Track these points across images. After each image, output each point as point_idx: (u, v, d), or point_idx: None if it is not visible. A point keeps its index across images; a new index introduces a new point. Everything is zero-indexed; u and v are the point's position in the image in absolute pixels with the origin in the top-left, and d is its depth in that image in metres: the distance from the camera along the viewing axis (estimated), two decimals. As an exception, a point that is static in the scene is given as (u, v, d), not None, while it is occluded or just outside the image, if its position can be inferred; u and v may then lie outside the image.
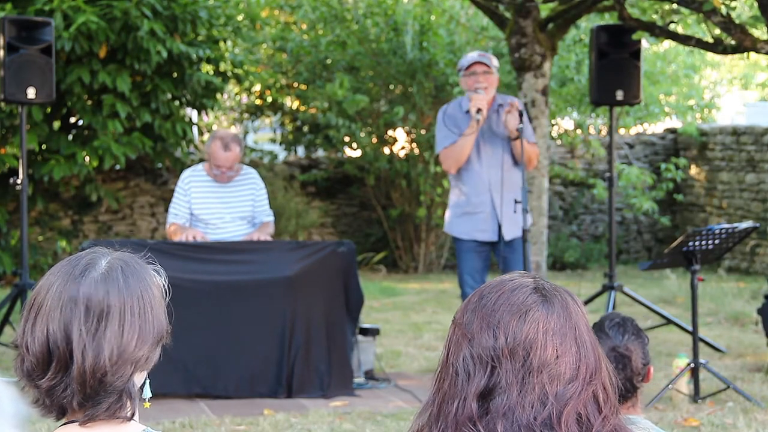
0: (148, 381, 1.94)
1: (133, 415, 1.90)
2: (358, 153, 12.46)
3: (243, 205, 6.86)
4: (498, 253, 6.64)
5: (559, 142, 13.15)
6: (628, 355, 3.12)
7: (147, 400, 1.94)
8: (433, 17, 12.02)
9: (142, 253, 1.99)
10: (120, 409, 1.87)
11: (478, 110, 6.49)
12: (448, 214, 6.85)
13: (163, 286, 1.95)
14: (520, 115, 6.50)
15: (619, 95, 7.79)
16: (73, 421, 1.89)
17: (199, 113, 12.03)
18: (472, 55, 6.79)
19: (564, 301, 1.86)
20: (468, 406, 1.80)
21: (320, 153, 13.16)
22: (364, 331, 6.83)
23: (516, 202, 6.39)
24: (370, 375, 6.80)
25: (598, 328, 3.20)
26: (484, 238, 6.60)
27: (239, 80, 11.76)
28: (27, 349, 1.86)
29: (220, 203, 6.82)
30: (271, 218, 7.03)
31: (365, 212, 13.01)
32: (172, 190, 7.42)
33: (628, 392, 3.13)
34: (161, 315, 1.91)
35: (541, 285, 1.87)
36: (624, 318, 3.23)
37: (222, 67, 11.39)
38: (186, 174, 6.91)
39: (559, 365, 1.80)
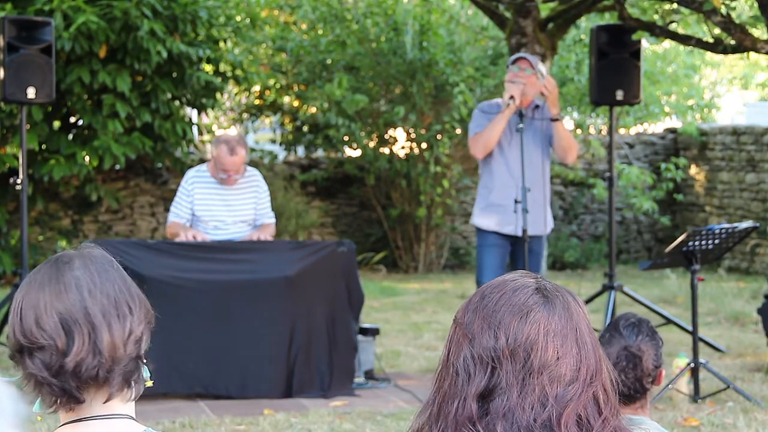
0: (145, 366, 1.95)
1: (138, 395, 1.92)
2: (358, 153, 12.46)
3: (245, 208, 6.85)
4: (516, 250, 6.69)
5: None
6: (640, 356, 3.12)
7: (149, 380, 1.95)
8: (433, 17, 12.01)
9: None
10: (126, 387, 1.89)
11: (511, 97, 6.64)
12: (475, 207, 6.95)
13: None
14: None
15: (619, 95, 7.78)
16: (73, 421, 1.89)
17: (199, 113, 12.03)
18: (520, 53, 7.18)
19: (566, 302, 1.85)
20: (468, 406, 1.79)
21: (320, 153, 13.16)
22: (364, 331, 6.83)
23: (516, 201, 6.45)
24: (370, 375, 6.80)
25: (613, 326, 3.20)
26: (508, 231, 6.64)
27: (238, 81, 11.76)
28: (35, 337, 1.84)
29: (222, 205, 6.81)
30: (273, 220, 7.03)
31: (365, 212, 13.01)
32: (172, 190, 7.42)
33: (637, 393, 3.12)
34: (139, 291, 1.95)
35: (542, 285, 1.86)
36: (640, 319, 3.23)
37: (222, 67, 11.39)
38: (190, 174, 6.90)
39: (559, 366, 1.79)
